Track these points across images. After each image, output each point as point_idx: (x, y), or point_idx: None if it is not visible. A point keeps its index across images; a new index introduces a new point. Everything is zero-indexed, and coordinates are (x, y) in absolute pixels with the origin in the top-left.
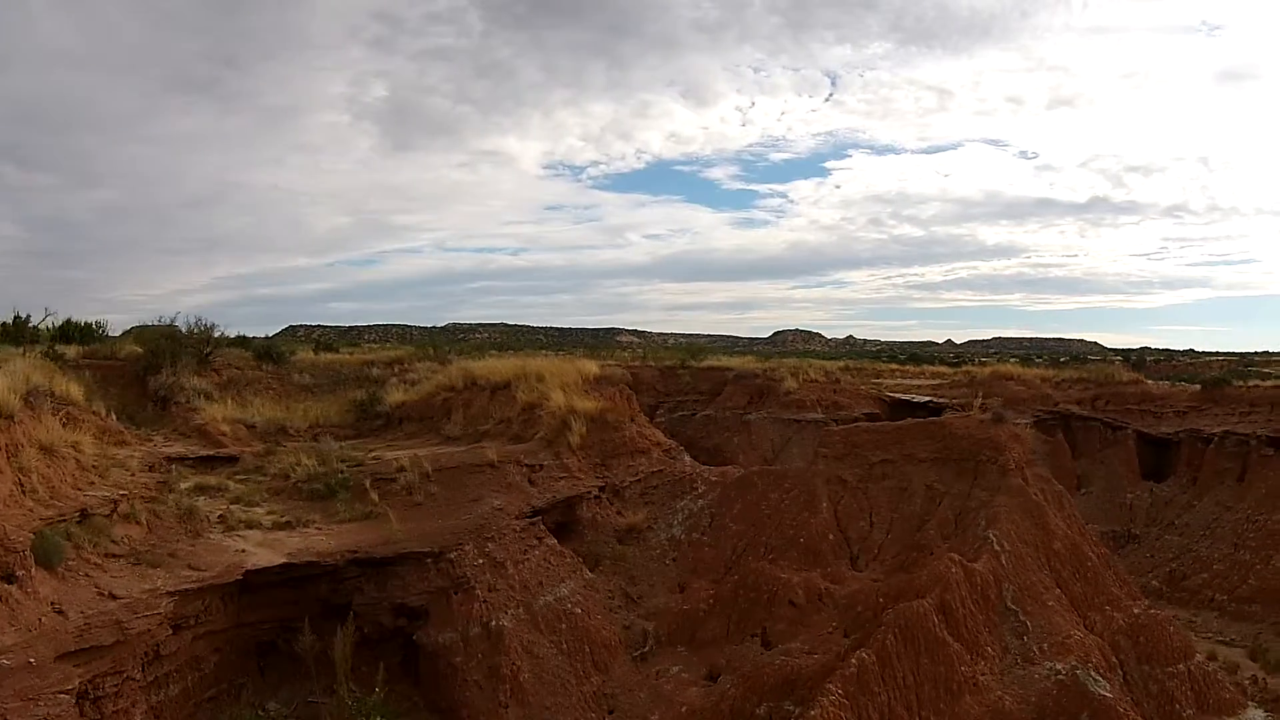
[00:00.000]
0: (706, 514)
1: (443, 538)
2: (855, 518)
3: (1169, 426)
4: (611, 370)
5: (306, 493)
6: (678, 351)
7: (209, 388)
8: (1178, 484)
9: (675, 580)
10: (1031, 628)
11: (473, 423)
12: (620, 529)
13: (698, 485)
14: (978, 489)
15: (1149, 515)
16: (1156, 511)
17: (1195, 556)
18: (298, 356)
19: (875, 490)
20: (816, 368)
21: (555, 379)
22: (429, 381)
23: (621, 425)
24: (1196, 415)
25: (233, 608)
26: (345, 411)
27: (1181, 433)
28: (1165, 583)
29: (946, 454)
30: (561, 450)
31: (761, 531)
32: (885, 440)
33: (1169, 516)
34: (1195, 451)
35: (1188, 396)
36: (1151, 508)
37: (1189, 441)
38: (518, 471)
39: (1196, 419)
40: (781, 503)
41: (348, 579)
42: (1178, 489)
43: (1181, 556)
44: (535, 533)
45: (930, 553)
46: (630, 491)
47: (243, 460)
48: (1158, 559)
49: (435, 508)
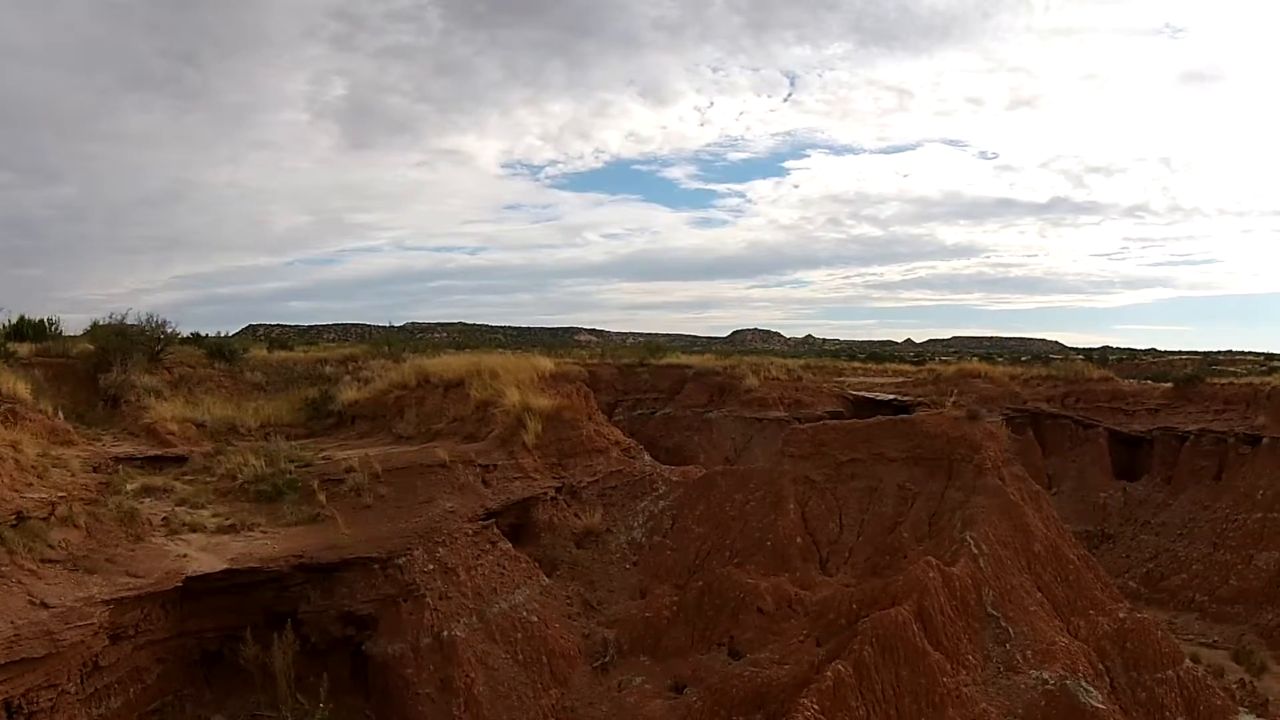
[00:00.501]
0: (668, 516)
1: (391, 542)
2: (824, 519)
3: (1141, 425)
4: (568, 368)
5: (253, 494)
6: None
7: (160, 386)
8: (1152, 483)
9: (636, 586)
10: (1014, 634)
11: (426, 421)
12: (578, 532)
13: (658, 485)
14: (952, 489)
15: (1123, 515)
16: (1131, 511)
17: (1173, 557)
18: (250, 354)
19: (844, 491)
20: (778, 365)
21: (510, 376)
22: (382, 380)
23: (578, 424)
24: (1169, 413)
25: (175, 616)
26: (297, 410)
27: (1155, 431)
28: (1143, 584)
29: (919, 453)
30: (516, 450)
31: (726, 534)
32: (854, 439)
33: (1144, 516)
34: (1169, 449)
35: (1159, 394)
36: (1125, 507)
37: (1163, 440)
38: (470, 472)
39: (1169, 417)
40: (746, 504)
41: (293, 585)
42: (1152, 488)
43: (1159, 557)
44: (489, 536)
45: (904, 556)
46: (588, 492)
47: (191, 460)
48: (1134, 560)
49: (385, 510)
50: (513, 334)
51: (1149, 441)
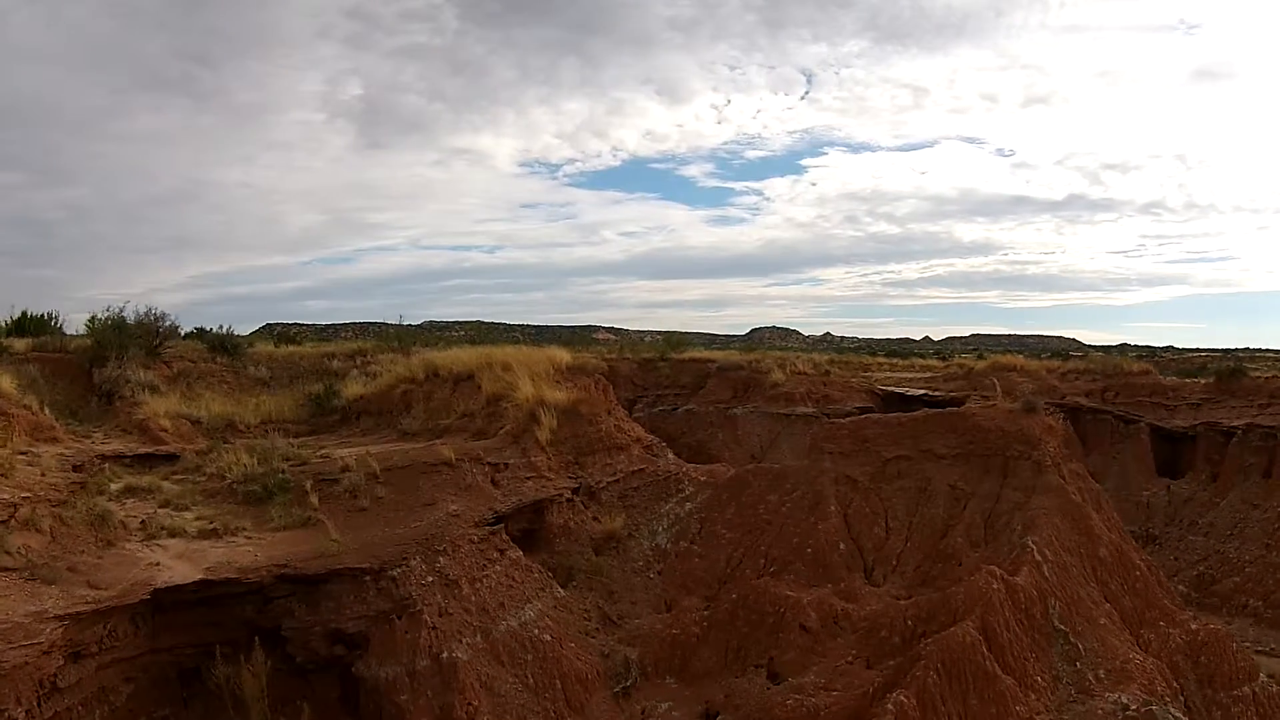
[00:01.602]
0: (695, 519)
1: (386, 550)
2: (868, 523)
3: (1183, 420)
4: (586, 360)
5: (242, 495)
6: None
7: (157, 381)
8: (1197, 480)
9: (661, 597)
10: (1084, 651)
11: (433, 417)
12: (596, 537)
13: (684, 486)
14: (1009, 489)
15: (1167, 515)
16: (1175, 510)
17: (1223, 559)
18: (255, 349)
19: (890, 491)
20: (805, 360)
21: (523, 368)
22: (388, 373)
23: (597, 418)
24: (1212, 407)
25: (145, 631)
26: (299, 406)
27: (1198, 426)
28: (1193, 587)
29: (971, 449)
30: (529, 447)
31: (760, 539)
32: (899, 434)
33: (1190, 516)
34: (1214, 446)
35: (1201, 389)
36: (1170, 506)
37: (1207, 435)
38: (478, 471)
39: (1212, 411)
40: (782, 506)
41: (276, 598)
42: (1197, 486)
43: (1208, 559)
44: (496, 543)
45: (958, 563)
46: (607, 493)
47: (183, 459)
48: (1182, 562)
49: (382, 514)
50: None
51: (1192, 437)
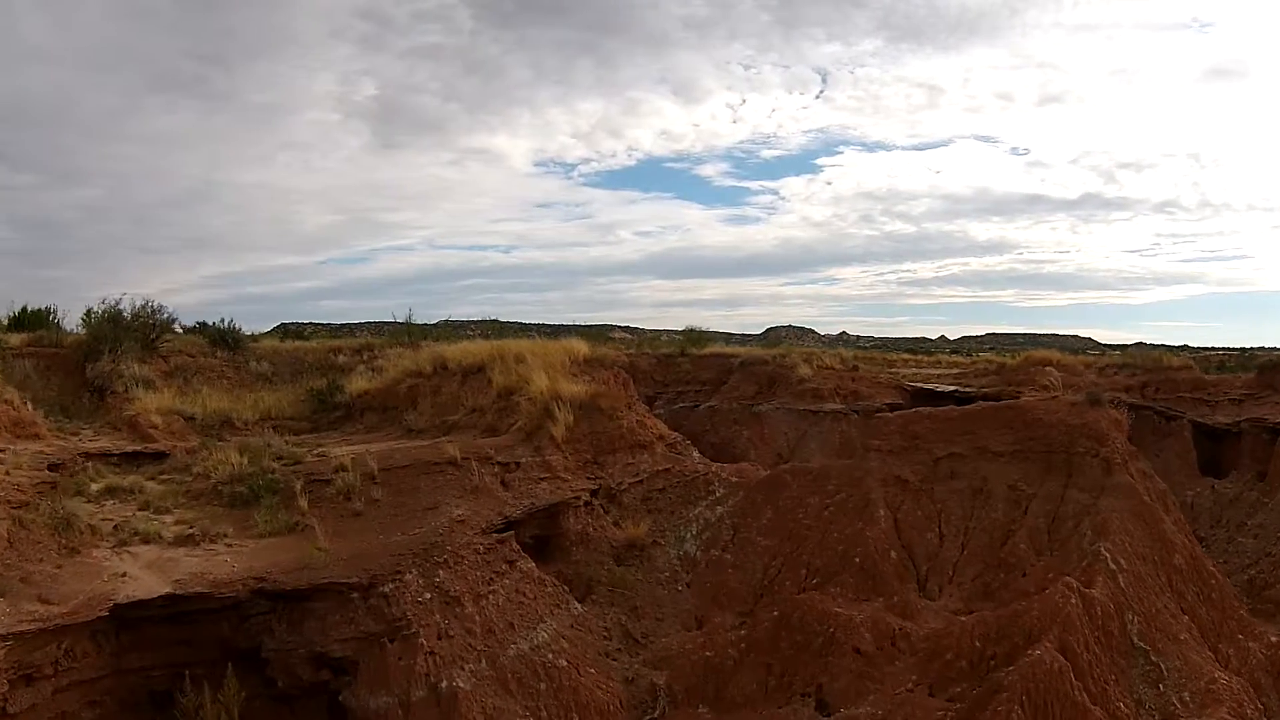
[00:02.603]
0: (727, 524)
1: (379, 562)
2: (921, 528)
3: (1225, 416)
4: (605, 352)
5: (227, 497)
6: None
7: (152, 376)
8: (1242, 480)
9: (691, 612)
10: (1166, 672)
11: (440, 413)
12: (618, 545)
13: (714, 487)
14: (1074, 489)
15: (1213, 516)
16: (1220, 511)
17: (1275, 562)
18: (258, 344)
19: (943, 493)
20: (831, 354)
21: (537, 360)
22: (394, 368)
23: (617, 414)
24: (1255, 403)
25: (109, 650)
26: (301, 402)
27: (1242, 422)
28: (1245, 593)
29: (1030, 446)
30: (543, 444)
31: (800, 547)
32: (952, 429)
33: (1237, 517)
34: (1260, 443)
35: (1242, 384)
36: (1215, 507)
37: (1252, 433)
38: (486, 471)
39: (1256, 407)
40: (824, 510)
41: (255, 615)
42: (1243, 485)
43: (1259, 563)
44: (505, 553)
45: (1021, 573)
46: (630, 496)
47: (172, 457)
48: (1232, 566)
49: (378, 519)
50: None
51: (1236, 434)
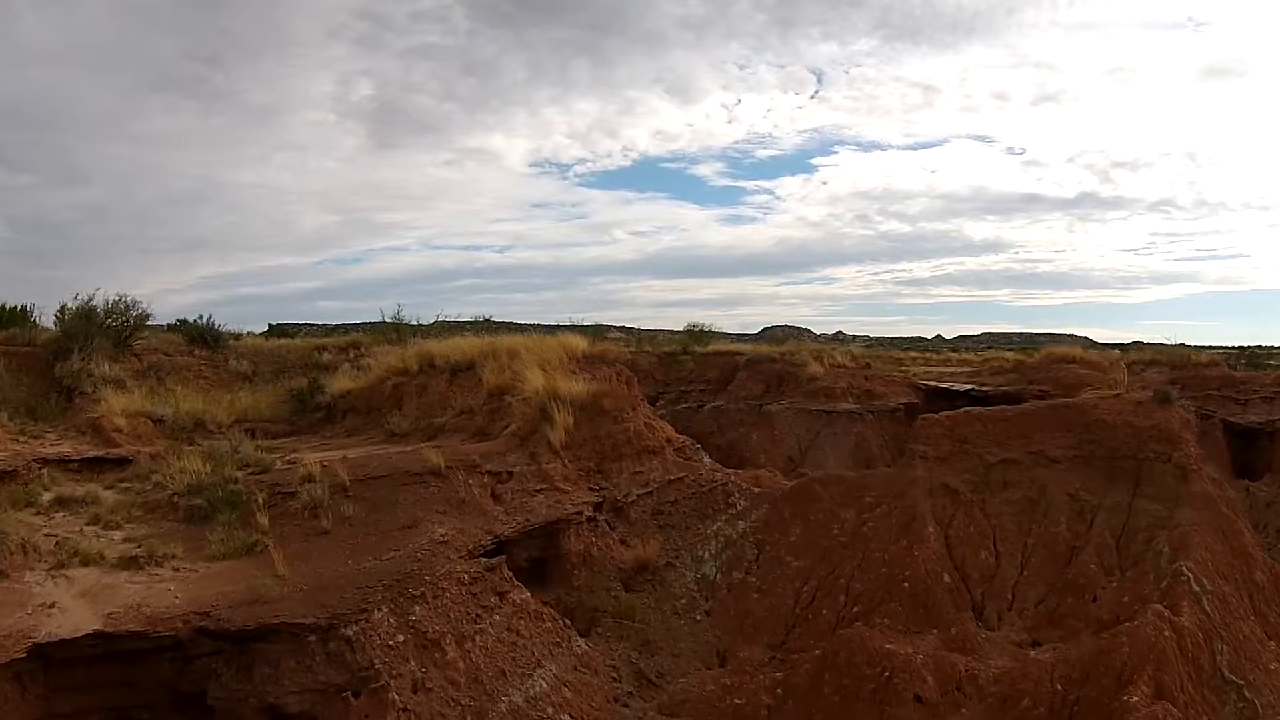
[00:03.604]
0: (751, 542)
1: (343, 595)
2: (974, 546)
3: (1257, 414)
4: (607, 347)
5: (184, 511)
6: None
7: (123, 376)
8: (1275, 481)
9: (712, 646)
10: (1261, 708)
11: (426, 414)
12: (626, 567)
13: (734, 499)
14: (1144, 499)
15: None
16: (1258, 515)
17: None
18: (240, 342)
19: (996, 504)
20: (842, 351)
21: (533, 357)
22: (378, 365)
23: (622, 415)
24: None
25: (35, 693)
26: (279, 403)
27: (1276, 421)
28: None
29: (1092, 450)
30: (539, 450)
31: (838, 569)
32: (1005, 432)
33: (1275, 521)
34: None
35: (1272, 380)
36: (1251, 511)
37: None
38: (475, 482)
39: None
40: (863, 525)
41: (201, 656)
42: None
43: None
44: (495, 583)
45: (1091, 597)
46: (638, 509)
47: (136, 463)
48: None
49: (348, 539)
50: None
51: (1269, 434)
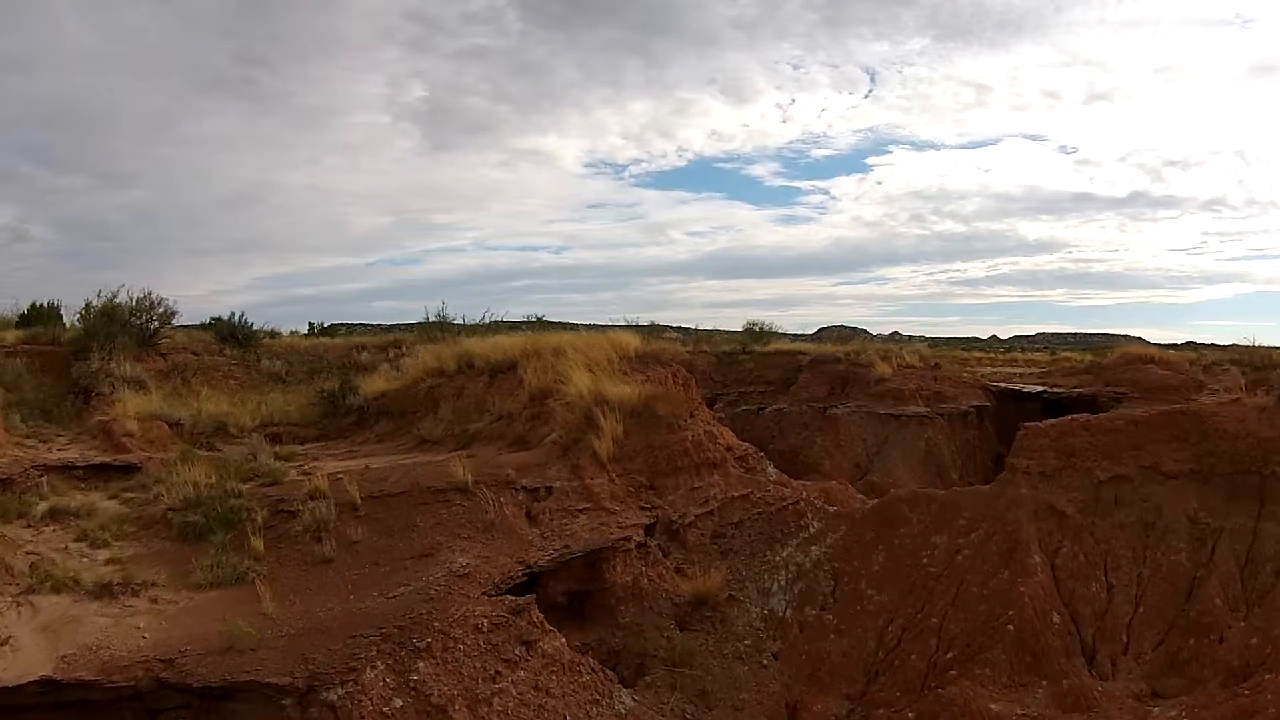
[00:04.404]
0: (826, 572)
1: (330, 645)
2: (1084, 578)
3: None
4: (662, 346)
5: (178, 528)
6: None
7: (144, 376)
8: None
9: (780, 697)
10: None
11: (462, 419)
12: (681, 601)
13: (807, 520)
14: (1271, 522)
15: None
16: None
17: None
18: (276, 341)
19: (1107, 528)
20: (909, 351)
21: (579, 356)
22: (414, 366)
23: (679, 423)
24: None
25: None
26: (309, 405)
27: None
28: None
29: (1211, 464)
30: (583, 463)
31: (928, 606)
32: (1116, 444)
33: None
34: None
35: None
36: None
37: None
38: (508, 500)
39: None
40: (956, 553)
41: (165, 710)
42: None
43: None
44: (521, 630)
45: (1218, 638)
46: (696, 533)
47: (146, 470)
48: None
49: (351, 570)
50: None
51: None
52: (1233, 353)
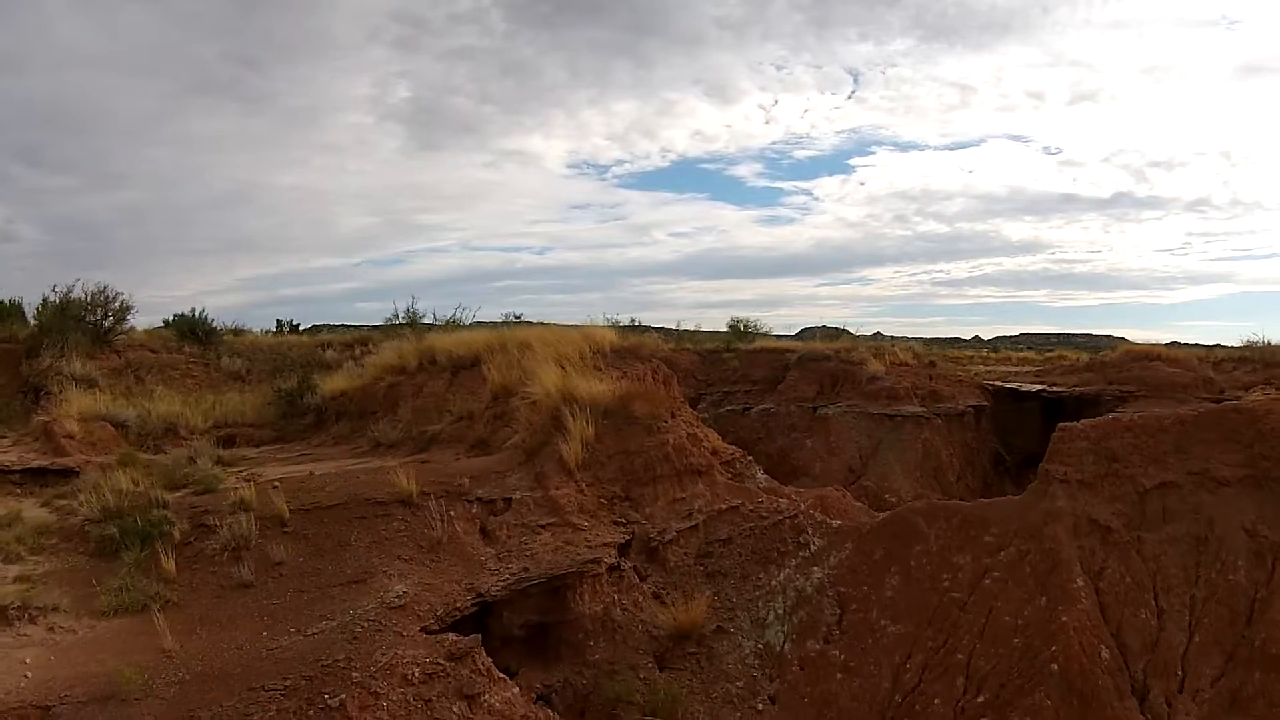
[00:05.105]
0: (830, 598)
1: (222, 705)
2: (1132, 603)
3: None
4: (641, 341)
5: (95, 542)
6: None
7: (96, 374)
8: None
9: None
10: None
11: (420, 420)
12: (662, 634)
13: (806, 537)
14: None
15: None
16: None
17: None
18: (239, 338)
19: (1155, 544)
20: (903, 348)
21: (549, 350)
22: (374, 362)
23: (658, 425)
24: None
25: None
26: (266, 405)
27: None
28: None
29: (1269, 469)
30: (548, 470)
31: (954, 639)
32: (1161, 446)
33: None
34: None
35: None
36: None
37: None
38: (460, 514)
39: None
40: (983, 576)
41: None
42: None
43: None
44: (463, 679)
45: None
46: (678, 552)
47: (84, 475)
48: None
49: (270, 598)
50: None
51: None
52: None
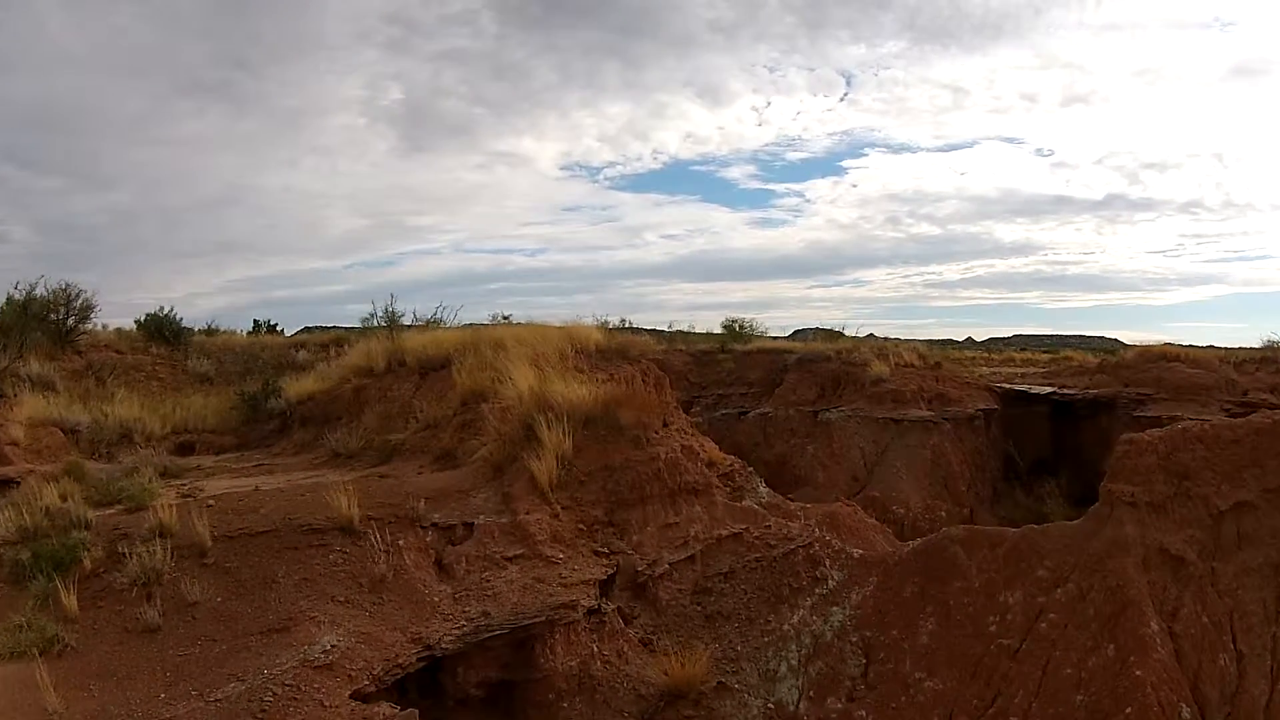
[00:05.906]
0: (855, 646)
1: None
2: (1209, 648)
3: None
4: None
5: (9, 567)
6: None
7: (54, 376)
8: None
9: None
10: None
11: (384, 428)
12: (651, 695)
13: (824, 570)
14: None
15: None
16: None
17: None
18: (210, 339)
19: (1230, 575)
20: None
21: (524, 350)
22: (340, 364)
23: (647, 435)
24: None
25: None
26: (230, 409)
27: None
28: None
29: None
30: (517, 490)
31: (1004, 695)
32: (1234, 460)
33: None
34: None
35: None
36: None
37: None
38: (410, 544)
39: None
40: (1037, 617)
41: None
42: None
43: None
44: None
45: None
46: (671, 589)
47: (25, 485)
48: None
49: (179, 646)
50: None
51: None
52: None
